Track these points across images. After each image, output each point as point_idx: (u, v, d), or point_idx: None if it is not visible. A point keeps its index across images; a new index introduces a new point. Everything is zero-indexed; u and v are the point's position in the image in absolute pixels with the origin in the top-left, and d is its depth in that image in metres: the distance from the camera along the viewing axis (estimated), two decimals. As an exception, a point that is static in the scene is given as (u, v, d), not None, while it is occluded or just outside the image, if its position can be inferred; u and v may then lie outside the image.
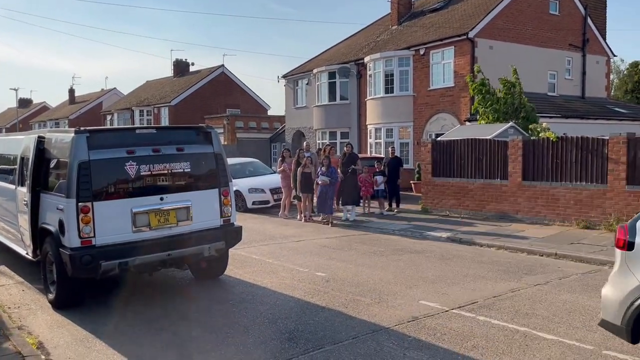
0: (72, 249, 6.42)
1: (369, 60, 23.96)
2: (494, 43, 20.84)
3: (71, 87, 58.12)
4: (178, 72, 45.35)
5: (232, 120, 34.11)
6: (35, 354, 5.32)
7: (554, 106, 21.15)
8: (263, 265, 9.26)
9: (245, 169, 18.37)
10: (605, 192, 11.58)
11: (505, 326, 5.98)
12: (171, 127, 10.94)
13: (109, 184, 6.75)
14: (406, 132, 23.10)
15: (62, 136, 7.10)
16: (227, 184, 7.68)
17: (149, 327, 6.18)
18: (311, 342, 5.59)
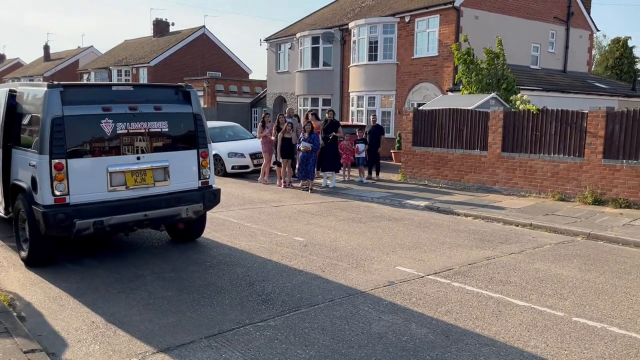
0: (45, 206, 6.28)
1: (353, 26, 23.60)
2: (480, 13, 20.67)
3: (46, 44, 56.34)
4: (158, 32, 44.18)
5: (212, 83, 33.52)
6: (7, 310, 5.23)
7: (535, 79, 21.22)
8: (241, 228, 9.23)
9: (225, 133, 18.15)
10: (582, 165, 11.74)
11: (480, 292, 6.08)
12: (149, 85, 10.68)
13: (83, 142, 6.58)
14: (388, 100, 23.00)
15: (35, 90, 6.85)
16: (205, 146, 7.56)
17: (124, 287, 6.13)
18: (287, 304, 5.61)
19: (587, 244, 8.62)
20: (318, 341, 4.75)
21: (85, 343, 4.71)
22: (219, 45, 41.89)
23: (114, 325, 5.06)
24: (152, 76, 37.78)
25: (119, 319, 5.22)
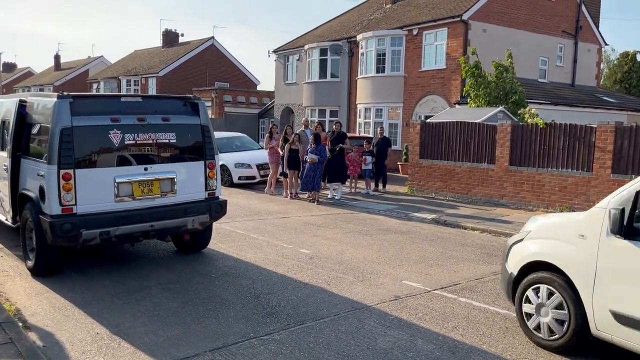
0: (53, 216, 6.30)
1: (361, 38, 23.71)
2: (488, 26, 20.71)
3: (57, 53, 56.95)
4: (167, 43, 44.59)
5: (220, 93, 33.71)
6: (12, 321, 5.23)
7: (543, 92, 21.18)
8: (247, 240, 9.21)
9: (232, 144, 18.20)
10: (590, 179, 11.66)
11: (487, 308, 6.02)
12: (157, 96, 10.75)
13: (92, 152, 6.61)
14: (395, 112, 23.02)
15: (45, 101, 6.91)
16: (213, 157, 7.57)
17: (129, 298, 6.12)
18: (292, 318, 5.57)
19: (596, 259, 8.51)
20: (323, 356, 4.71)
21: (90, 355, 4.69)
22: (228, 56, 42.19)
23: (119, 337, 5.04)
24: (161, 86, 38.07)
25: (124, 330, 5.20)
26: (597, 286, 4.51)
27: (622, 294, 4.34)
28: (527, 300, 5.11)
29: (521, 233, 5.52)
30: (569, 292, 4.71)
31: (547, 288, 4.92)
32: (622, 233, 4.34)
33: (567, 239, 4.85)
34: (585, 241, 4.65)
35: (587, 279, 4.57)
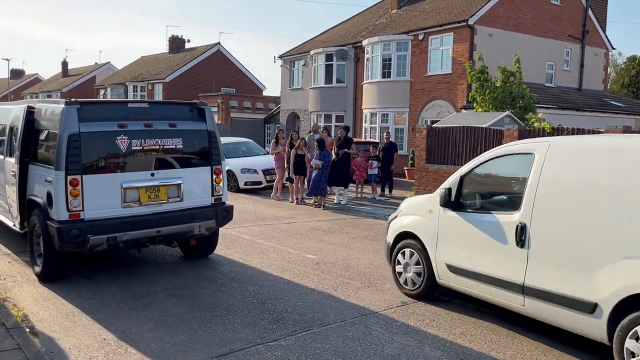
0: (60, 222, 6.32)
1: (367, 43, 23.73)
2: (494, 31, 20.68)
3: (64, 60, 57.34)
4: (173, 49, 44.82)
5: (226, 99, 33.82)
6: (20, 326, 5.25)
7: (550, 97, 21.11)
8: (253, 245, 9.20)
9: (238, 149, 18.23)
10: (598, 184, 11.57)
11: (494, 314, 5.96)
12: (164, 102, 10.81)
13: (99, 158, 6.64)
14: (401, 117, 23.01)
15: (53, 107, 6.95)
16: (219, 163, 7.58)
17: (136, 303, 6.12)
18: (299, 324, 5.56)
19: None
20: (330, 362, 4.68)
21: (96, 361, 4.69)
22: (234, 61, 42.34)
23: (125, 343, 5.04)
24: (168, 92, 38.24)
25: (130, 336, 5.20)
26: (438, 247, 6.10)
27: (451, 251, 5.94)
28: (398, 262, 6.66)
29: (396, 211, 7.08)
30: (423, 252, 6.28)
31: (410, 251, 6.51)
32: (450, 206, 5.94)
33: (421, 214, 6.45)
34: (432, 214, 6.23)
35: (432, 242, 6.17)
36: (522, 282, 5.11)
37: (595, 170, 4.76)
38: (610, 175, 4.63)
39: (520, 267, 5.14)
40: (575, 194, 4.83)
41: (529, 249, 5.08)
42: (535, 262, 5.03)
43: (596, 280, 4.50)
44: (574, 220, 4.78)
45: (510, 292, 5.25)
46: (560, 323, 4.92)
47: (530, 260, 5.06)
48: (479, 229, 5.62)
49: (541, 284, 4.94)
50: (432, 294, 6.38)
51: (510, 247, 5.23)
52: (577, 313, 4.65)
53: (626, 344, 4.25)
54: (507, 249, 5.26)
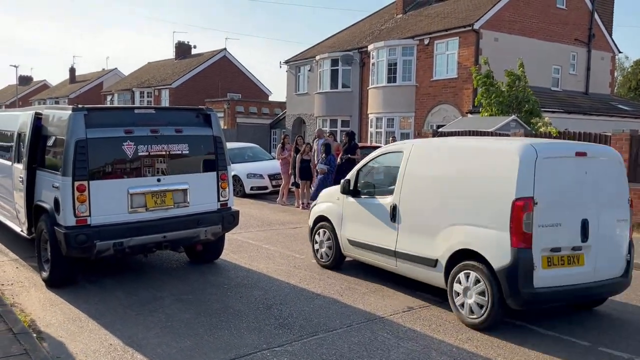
0: (67, 227, 6.36)
1: (372, 48, 23.77)
2: (499, 35, 20.67)
3: (72, 66, 57.80)
4: (180, 55, 45.07)
5: (232, 104, 33.94)
6: (27, 332, 5.27)
7: (557, 101, 21.04)
8: (259, 250, 9.21)
9: (244, 154, 18.27)
10: (605, 188, 11.51)
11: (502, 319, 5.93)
12: (170, 108, 10.85)
13: (105, 163, 6.67)
14: (407, 122, 23.00)
15: (60, 113, 7.00)
16: (225, 168, 7.60)
17: (142, 308, 6.14)
18: (305, 329, 5.55)
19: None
20: (336, 368, 4.67)
21: (103, 366, 4.70)
22: (240, 67, 42.50)
23: (132, 348, 5.05)
24: (174, 98, 38.43)
25: (137, 341, 5.21)
26: (342, 226, 7.67)
27: (351, 229, 7.50)
28: (315, 240, 8.25)
29: (317, 200, 8.65)
30: (332, 232, 7.84)
31: (323, 230, 8.08)
32: (349, 194, 7.56)
33: (332, 201, 8.03)
34: (338, 201, 7.81)
35: (339, 223, 7.75)
36: (395, 248, 6.69)
37: (436, 164, 6.47)
38: (443, 167, 6.32)
39: (393, 237, 6.71)
40: (425, 181, 6.50)
41: (399, 223, 6.64)
42: (402, 232, 6.61)
43: (436, 243, 6.11)
44: (424, 200, 6.43)
45: (388, 256, 6.83)
46: (418, 277, 6.56)
47: (399, 231, 6.64)
48: (368, 210, 7.21)
49: (406, 249, 6.52)
50: (340, 265, 7.96)
51: (387, 222, 6.80)
52: (426, 268, 6.27)
53: (454, 287, 5.88)
54: (386, 224, 6.82)
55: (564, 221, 5.53)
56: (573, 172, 5.66)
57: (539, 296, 5.40)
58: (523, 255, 5.30)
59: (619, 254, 5.92)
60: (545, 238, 5.40)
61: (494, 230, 5.51)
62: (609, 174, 5.92)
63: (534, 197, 5.32)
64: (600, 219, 5.70)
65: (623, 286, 5.98)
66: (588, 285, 5.64)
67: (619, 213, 5.91)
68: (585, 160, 5.76)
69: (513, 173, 5.41)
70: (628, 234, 6.02)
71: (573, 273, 5.56)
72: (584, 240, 5.57)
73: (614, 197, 5.90)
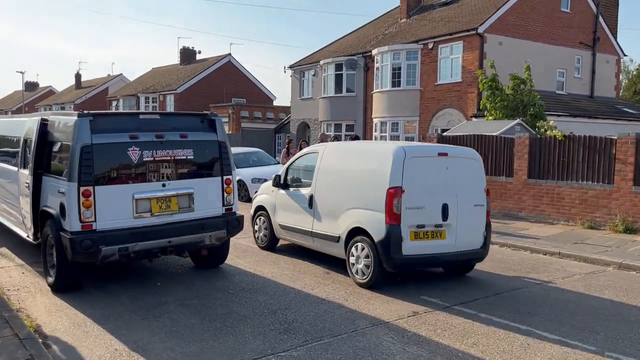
0: (73, 232, 6.38)
1: (376, 52, 23.80)
2: (504, 39, 20.65)
3: (77, 72, 58.13)
4: (185, 60, 45.25)
5: (237, 109, 34.03)
6: (33, 337, 5.28)
7: (562, 104, 20.98)
8: (264, 255, 9.21)
9: (248, 159, 18.28)
10: (611, 192, 11.48)
11: (507, 324, 5.92)
12: (175, 114, 10.90)
13: (111, 169, 6.70)
14: (412, 126, 22.99)
15: (66, 119, 7.04)
16: (230, 173, 7.62)
17: (147, 314, 6.14)
18: (310, 334, 5.54)
19: (619, 274, 8.36)
20: (341, 373, 4.66)
21: (108, 371, 4.70)
22: (244, 72, 42.63)
23: (137, 353, 5.06)
24: (179, 103, 38.56)
25: (142, 346, 5.22)
26: (275, 213, 9.18)
27: (282, 215, 9.02)
28: (255, 223, 9.78)
29: (258, 192, 10.10)
30: (268, 218, 9.37)
31: (261, 217, 9.58)
32: (280, 186, 9.10)
33: (268, 193, 9.49)
34: (273, 192, 9.27)
35: (272, 211, 9.25)
36: (311, 229, 8.26)
37: (340, 162, 8.14)
38: (345, 164, 8.02)
39: (310, 220, 8.30)
40: (333, 175, 8.04)
41: (314, 209, 8.21)
42: (316, 217, 8.18)
43: (339, 223, 7.72)
44: (331, 190, 7.99)
45: (307, 236, 8.43)
46: (328, 251, 8.14)
47: (314, 216, 8.21)
48: (294, 200, 8.74)
49: (319, 229, 8.13)
50: (274, 246, 9.50)
51: (306, 209, 8.36)
52: (332, 243, 7.86)
53: (350, 259, 7.51)
54: (305, 211, 8.39)
55: (427, 205, 7.16)
56: (435, 168, 7.33)
57: (407, 261, 7.04)
58: (394, 230, 6.93)
59: (477, 231, 7.59)
60: (411, 217, 7.02)
61: (376, 212, 7.14)
62: (468, 170, 7.59)
63: (402, 187, 6.96)
64: (459, 204, 7.31)
65: (481, 255, 7.75)
66: (449, 254, 7.34)
67: (476, 200, 7.56)
68: (447, 159, 7.43)
69: (387, 168, 7.07)
70: (485, 216, 7.70)
71: (436, 244, 7.22)
72: (445, 220, 7.22)
73: (472, 187, 7.56)
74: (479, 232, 7.63)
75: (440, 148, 8.25)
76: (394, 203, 6.90)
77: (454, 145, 10.56)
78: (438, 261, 7.49)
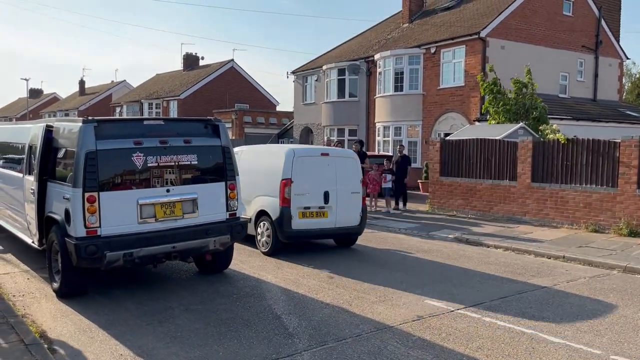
0: (78, 238, 6.40)
1: (379, 57, 23.85)
2: (506, 43, 20.68)
3: (81, 79, 58.50)
4: (188, 66, 45.43)
5: (240, 114, 34.12)
6: (38, 342, 5.30)
7: (565, 108, 20.98)
8: (268, 260, 9.22)
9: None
10: (615, 195, 11.45)
11: (512, 328, 5.91)
12: (179, 119, 10.94)
13: (115, 175, 6.73)
14: (415, 130, 23.00)
15: (70, 125, 7.08)
16: (234, 178, 7.64)
17: (152, 319, 6.16)
18: (314, 339, 5.54)
19: (624, 277, 8.33)
20: (345, 377, 4.65)
21: (113, 376, 4.71)
22: (247, 77, 42.77)
23: (142, 359, 5.06)
24: (182, 108, 38.69)
25: (147, 351, 5.23)
26: None
27: None
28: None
29: None
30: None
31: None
32: None
33: None
34: None
35: None
36: None
37: (254, 160, 10.28)
38: (256, 162, 10.17)
39: None
40: (247, 170, 9.45)
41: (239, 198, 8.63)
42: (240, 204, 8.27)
43: (251, 207, 9.77)
44: (248, 182, 9.13)
45: None
46: None
47: None
48: None
49: None
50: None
51: None
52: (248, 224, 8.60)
53: (257, 235, 9.68)
54: None
55: (311, 192, 9.47)
56: (319, 164, 9.67)
57: (296, 233, 9.36)
58: (285, 211, 9.26)
59: (354, 212, 9.93)
60: (299, 201, 9.30)
61: (274, 198, 9.39)
62: (346, 166, 9.93)
63: (291, 178, 9.26)
64: (338, 191, 9.66)
65: (357, 231, 10.13)
66: (331, 229, 9.73)
67: (352, 188, 9.90)
68: (328, 158, 9.81)
69: (281, 165, 9.35)
70: (361, 201, 10.07)
71: (320, 222, 9.58)
72: (326, 203, 9.58)
73: (349, 179, 9.87)
74: (356, 213, 9.96)
75: (323, 150, 10.58)
76: (285, 190, 9.22)
77: (336, 148, 12.38)
78: (322, 234, 9.85)
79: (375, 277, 8.08)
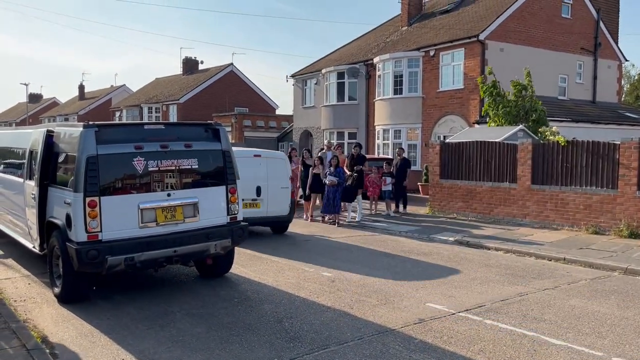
0: (79, 243, 6.41)
1: (378, 60, 23.89)
2: (505, 45, 20.72)
3: (81, 83, 58.53)
4: (187, 70, 45.49)
5: (239, 118, 34.14)
6: (40, 347, 5.30)
7: (564, 110, 21.01)
8: (269, 263, 9.22)
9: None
10: (615, 197, 11.46)
11: (513, 330, 5.91)
12: (179, 124, 11.02)
13: (116, 179, 6.74)
14: (414, 133, 23.02)
15: (71, 130, 7.09)
16: (234, 182, 7.65)
17: (153, 323, 6.16)
18: (316, 342, 5.54)
19: (625, 279, 8.34)
20: (348, 381, 4.66)
21: (116, 381, 4.71)
22: (246, 81, 42.83)
23: (144, 363, 5.06)
24: (182, 113, 38.73)
25: (149, 356, 5.23)
26: None
27: None
28: None
29: None
30: None
31: None
32: None
33: None
34: None
35: None
36: None
37: None
38: None
39: None
40: None
41: None
42: None
43: None
44: None
45: None
46: None
47: None
48: None
49: None
50: None
51: None
52: None
53: None
54: None
55: (247, 187, 10.30)
56: (252, 164, 11.14)
57: None
58: None
59: (283, 203, 11.65)
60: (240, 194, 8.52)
61: None
62: (276, 165, 11.65)
63: None
64: (269, 186, 11.34)
65: (287, 219, 11.93)
66: (263, 217, 11.33)
67: (282, 184, 11.61)
68: (260, 159, 11.43)
69: None
70: (289, 195, 11.78)
71: (253, 211, 11.06)
72: (259, 196, 11.24)
73: (279, 176, 11.58)
74: (285, 204, 11.69)
75: (255, 152, 11.97)
76: None
77: (267, 150, 13.39)
78: (255, 221, 10.98)
79: (376, 280, 8.08)
